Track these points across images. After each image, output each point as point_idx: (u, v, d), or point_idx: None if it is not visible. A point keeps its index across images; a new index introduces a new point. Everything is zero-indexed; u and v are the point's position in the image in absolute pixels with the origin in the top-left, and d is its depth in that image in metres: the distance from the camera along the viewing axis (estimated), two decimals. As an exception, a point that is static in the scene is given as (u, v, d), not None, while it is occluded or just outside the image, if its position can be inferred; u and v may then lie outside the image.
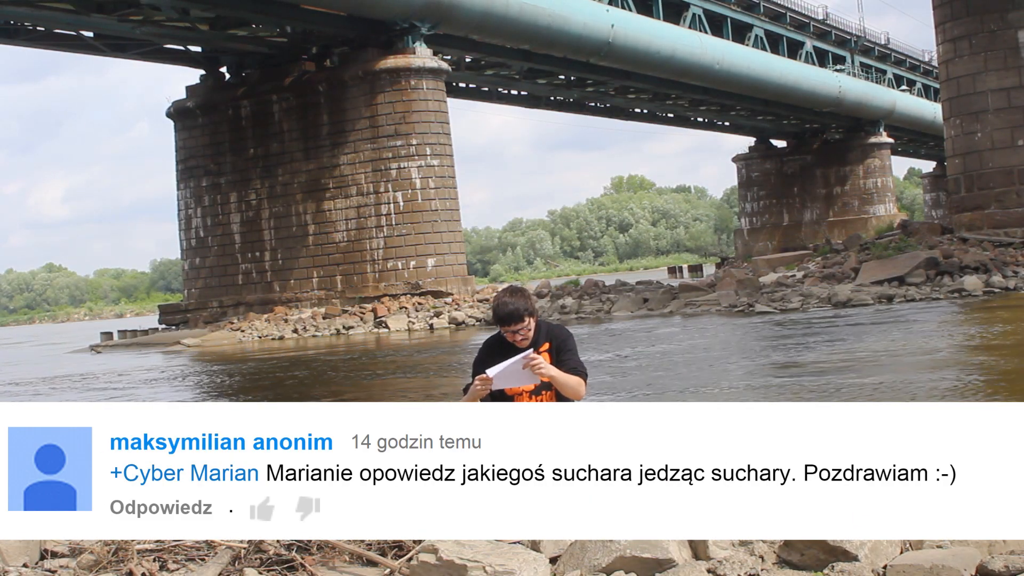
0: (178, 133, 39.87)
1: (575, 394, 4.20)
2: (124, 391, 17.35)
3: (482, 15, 34.85)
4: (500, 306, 4.36)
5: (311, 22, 33.70)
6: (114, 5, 31.43)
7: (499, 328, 4.43)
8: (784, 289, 27.88)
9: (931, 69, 63.84)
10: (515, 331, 4.35)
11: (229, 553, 3.98)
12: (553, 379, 4.12)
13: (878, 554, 3.67)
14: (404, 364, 18.95)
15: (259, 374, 19.15)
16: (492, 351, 4.46)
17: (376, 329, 30.94)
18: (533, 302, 4.48)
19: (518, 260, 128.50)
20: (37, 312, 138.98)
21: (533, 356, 4.10)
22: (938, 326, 16.98)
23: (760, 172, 66.72)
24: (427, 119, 34.50)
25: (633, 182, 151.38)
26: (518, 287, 4.58)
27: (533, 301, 4.50)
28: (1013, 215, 29.86)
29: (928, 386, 9.87)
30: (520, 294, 4.39)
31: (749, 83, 49.74)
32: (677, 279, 55.46)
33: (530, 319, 4.37)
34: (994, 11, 30.23)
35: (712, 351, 15.79)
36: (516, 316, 4.33)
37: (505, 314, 4.34)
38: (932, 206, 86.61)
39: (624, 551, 3.75)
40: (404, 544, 4.11)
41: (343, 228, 35.47)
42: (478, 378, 4.14)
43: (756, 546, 3.87)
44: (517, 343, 4.39)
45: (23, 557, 4.15)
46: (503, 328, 4.38)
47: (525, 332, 4.36)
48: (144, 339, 36.25)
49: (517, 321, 4.33)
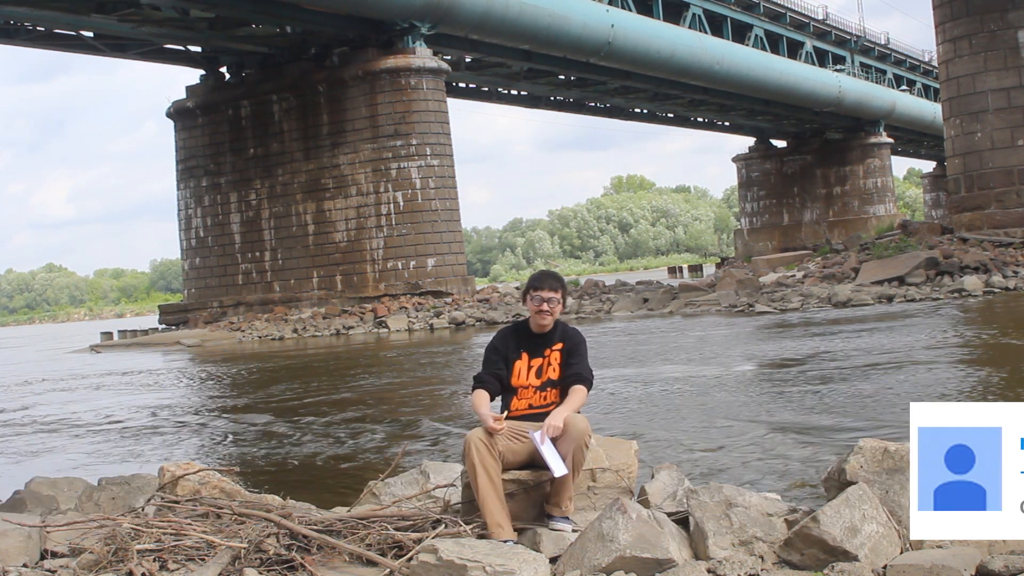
0: (178, 133, 39.87)
1: (581, 406, 4.41)
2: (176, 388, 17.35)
3: (482, 15, 34.84)
4: (539, 272, 4.64)
5: (311, 22, 33.69)
6: (114, 5, 31.41)
7: (527, 295, 4.56)
8: (784, 289, 27.88)
9: (931, 69, 63.83)
10: (544, 298, 4.49)
11: (229, 553, 3.98)
12: (565, 419, 4.25)
13: (878, 554, 3.66)
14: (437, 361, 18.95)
15: (307, 368, 19.17)
16: (507, 339, 4.54)
17: (376, 329, 30.93)
18: (568, 292, 4.68)
19: (518, 260, 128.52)
20: (37, 312, 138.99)
21: (543, 434, 4.21)
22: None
23: (760, 172, 66.71)
24: (427, 119, 34.50)
25: (633, 182, 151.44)
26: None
27: (568, 291, 4.71)
28: (1013, 215, 29.86)
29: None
30: (557, 275, 4.65)
31: (749, 83, 49.73)
32: (677, 279, 55.48)
33: (562, 296, 4.55)
34: (994, 11, 30.22)
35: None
36: (553, 278, 4.56)
37: (541, 275, 4.58)
38: (932, 206, 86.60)
39: (624, 551, 3.75)
40: (404, 544, 4.11)
41: (343, 228, 35.47)
42: (494, 423, 4.24)
43: (756, 546, 3.87)
44: (541, 322, 4.50)
45: (23, 557, 4.15)
46: (533, 291, 4.52)
47: (552, 307, 4.50)
48: (144, 339, 36.23)
49: (551, 287, 4.51)
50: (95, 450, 10.21)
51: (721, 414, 9.13)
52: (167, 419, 12.39)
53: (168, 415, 12.85)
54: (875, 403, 9.10)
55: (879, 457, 3.96)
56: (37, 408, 15.07)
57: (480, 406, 4.40)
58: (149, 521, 4.35)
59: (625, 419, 9.31)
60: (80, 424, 12.48)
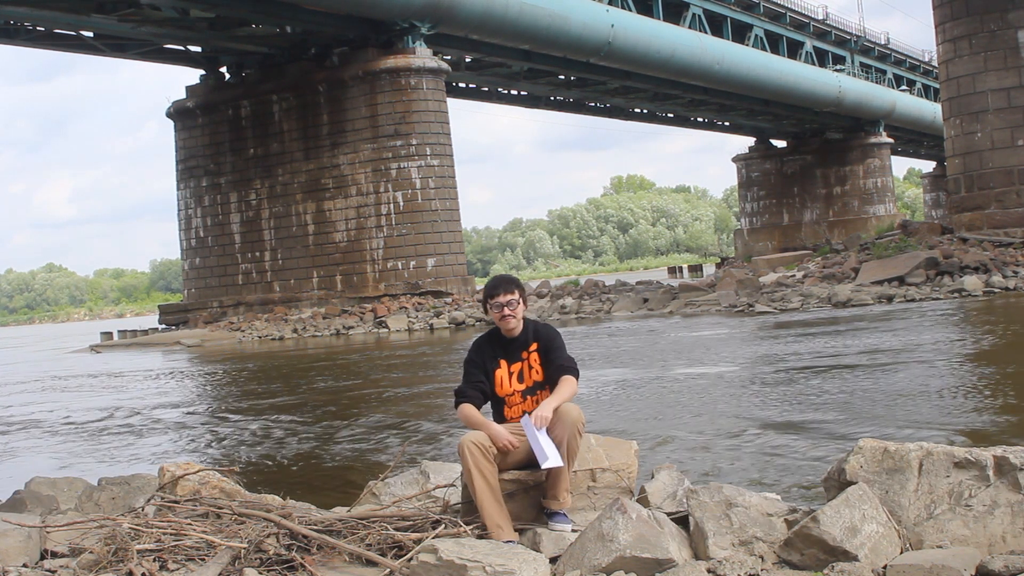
0: (178, 133, 39.87)
1: (572, 396, 4.33)
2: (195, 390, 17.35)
3: (482, 15, 34.84)
4: (491, 279, 4.57)
5: (311, 22, 33.69)
6: (114, 5, 31.42)
7: (487, 305, 4.52)
8: (784, 289, 27.87)
9: (931, 69, 63.84)
10: (503, 303, 4.43)
11: (229, 553, 3.98)
12: (556, 409, 4.21)
13: (878, 554, 3.66)
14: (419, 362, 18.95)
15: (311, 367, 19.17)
16: (482, 349, 4.51)
17: (376, 329, 30.93)
18: (525, 290, 4.60)
19: (518, 260, 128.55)
20: (37, 312, 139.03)
21: (530, 420, 4.19)
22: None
23: (760, 172, 66.71)
24: (427, 119, 34.50)
25: (633, 182, 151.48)
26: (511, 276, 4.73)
27: (525, 290, 4.63)
28: (1013, 215, 29.85)
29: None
30: (511, 278, 4.59)
31: (749, 83, 49.73)
32: (677, 279, 55.46)
33: (520, 296, 4.49)
34: (994, 11, 30.21)
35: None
36: (506, 281, 4.48)
37: (494, 282, 4.51)
38: (932, 206, 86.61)
39: (624, 551, 3.75)
40: (404, 544, 4.11)
41: (343, 228, 35.47)
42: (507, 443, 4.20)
43: (756, 546, 3.86)
44: (507, 327, 4.44)
45: (23, 557, 4.14)
46: (491, 300, 4.48)
47: (513, 309, 4.44)
48: (144, 339, 36.24)
49: (506, 290, 4.45)
50: (95, 450, 10.20)
51: (721, 414, 9.13)
52: (167, 419, 12.39)
53: (168, 415, 12.85)
54: (875, 403, 9.10)
55: (879, 457, 3.95)
56: (36, 408, 15.06)
57: (474, 417, 4.34)
58: (149, 521, 4.35)
59: (625, 419, 9.30)
60: (80, 424, 12.48)
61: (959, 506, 3.79)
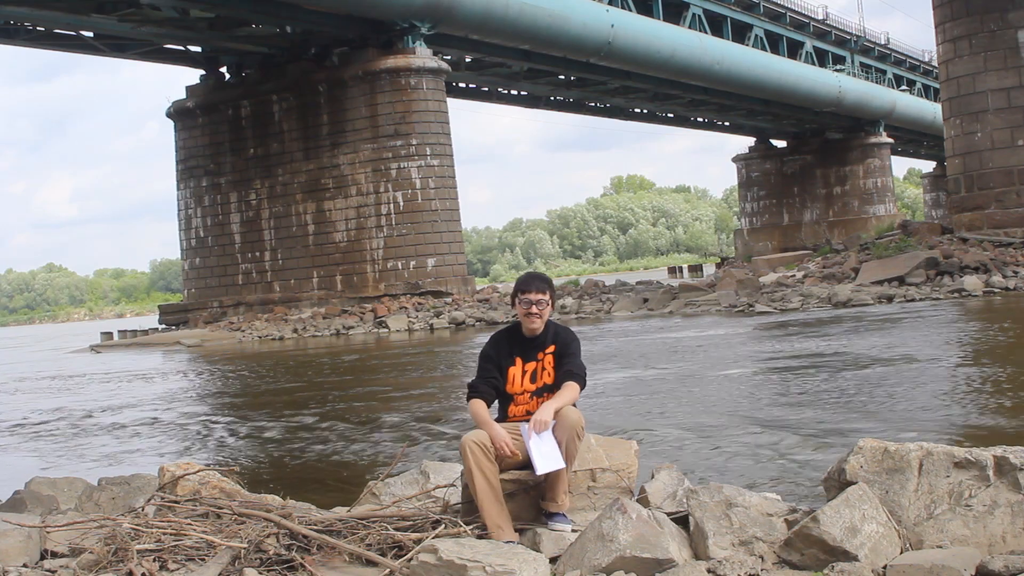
0: (178, 133, 39.87)
1: (572, 402, 4.34)
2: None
3: (482, 15, 34.84)
4: (526, 274, 4.60)
5: (311, 22, 33.69)
6: (114, 5, 31.42)
7: (516, 298, 4.52)
8: (784, 289, 27.87)
9: (931, 69, 63.82)
10: (533, 301, 4.46)
11: (229, 553, 3.98)
12: (557, 412, 4.23)
13: (878, 554, 3.66)
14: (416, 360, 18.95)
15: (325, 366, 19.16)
16: (499, 345, 4.51)
17: (376, 329, 30.91)
18: (556, 294, 4.63)
19: (518, 260, 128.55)
20: (37, 312, 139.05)
21: (531, 429, 4.20)
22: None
23: (760, 172, 66.71)
24: (427, 119, 34.50)
25: (633, 182, 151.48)
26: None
27: (556, 294, 4.65)
28: (1013, 215, 29.84)
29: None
30: (545, 277, 4.62)
31: (749, 83, 49.73)
32: (677, 279, 55.48)
33: (550, 298, 4.51)
34: (994, 11, 30.21)
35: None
36: (540, 280, 4.52)
37: (528, 278, 4.54)
38: (932, 206, 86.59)
39: (624, 551, 3.75)
40: (404, 544, 4.11)
41: (343, 228, 35.47)
42: (505, 448, 4.21)
43: (756, 546, 3.86)
44: (530, 325, 4.44)
45: (23, 557, 4.14)
46: (521, 294, 4.49)
47: (541, 309, 4.46)
48: (144, 339, 36.23)
49: (539, 289, 4.47)
50: (95, 450, 10.20)
51: (721, 413, 9.13)
52: (167, 419, 12.39)
53: (168, 415, 12.85)
54: (875, 403, 9.09)
55: (879, 457, 3.95)
56: (36, 408, 15.06)
57: (481, 416, 4.36)
58: (149, 521, 4.35)
59: (625, 418, 9.30)
60: (80, 424, 12.48)
61: (959, 506, 3.79)
